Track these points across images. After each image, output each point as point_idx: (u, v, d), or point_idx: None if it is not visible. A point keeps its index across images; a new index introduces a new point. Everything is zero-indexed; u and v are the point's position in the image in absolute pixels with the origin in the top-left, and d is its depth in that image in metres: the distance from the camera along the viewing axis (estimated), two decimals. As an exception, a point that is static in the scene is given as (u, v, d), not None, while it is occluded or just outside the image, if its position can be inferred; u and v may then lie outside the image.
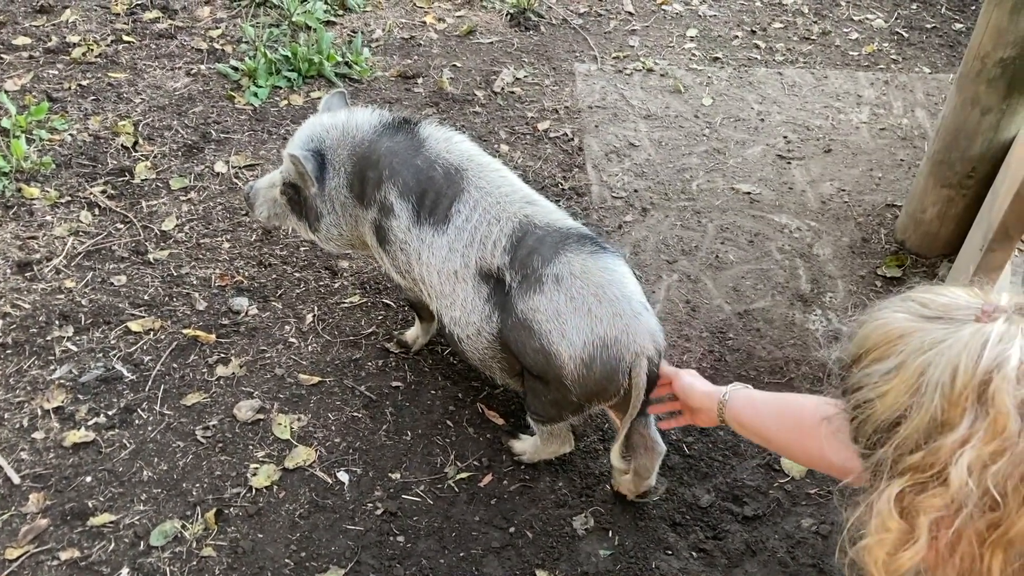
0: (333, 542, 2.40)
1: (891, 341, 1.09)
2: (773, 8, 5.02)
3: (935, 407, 1.01)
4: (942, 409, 1.01)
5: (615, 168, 3.79)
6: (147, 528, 2.40)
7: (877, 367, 1.09)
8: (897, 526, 1.05)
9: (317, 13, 4.56)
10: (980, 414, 0.99)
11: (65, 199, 3.41)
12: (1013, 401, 0.97)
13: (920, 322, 1.08)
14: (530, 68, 4.38)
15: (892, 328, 1.10)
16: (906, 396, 1.04)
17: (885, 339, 1.10)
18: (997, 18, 2.81)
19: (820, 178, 3.80)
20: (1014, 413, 0.97)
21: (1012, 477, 0.97)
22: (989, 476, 0.97)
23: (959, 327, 1.04)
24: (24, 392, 2.72)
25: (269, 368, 2.86)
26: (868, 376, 1.10)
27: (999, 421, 0.97)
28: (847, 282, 3.29)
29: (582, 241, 2.25)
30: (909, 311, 1.11)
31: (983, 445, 0.98)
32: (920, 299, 1.12)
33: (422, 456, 2.63)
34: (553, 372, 2.22)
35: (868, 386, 1.10)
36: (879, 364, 1.09)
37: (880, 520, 1.07)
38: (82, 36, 4.30)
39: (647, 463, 2.41)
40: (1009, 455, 0.97)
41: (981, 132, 3.04)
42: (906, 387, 1.04)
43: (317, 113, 2.69)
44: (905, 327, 1.09)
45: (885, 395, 1.07)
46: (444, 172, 2.41)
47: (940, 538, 1.03)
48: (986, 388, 0.98)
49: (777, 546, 2.44)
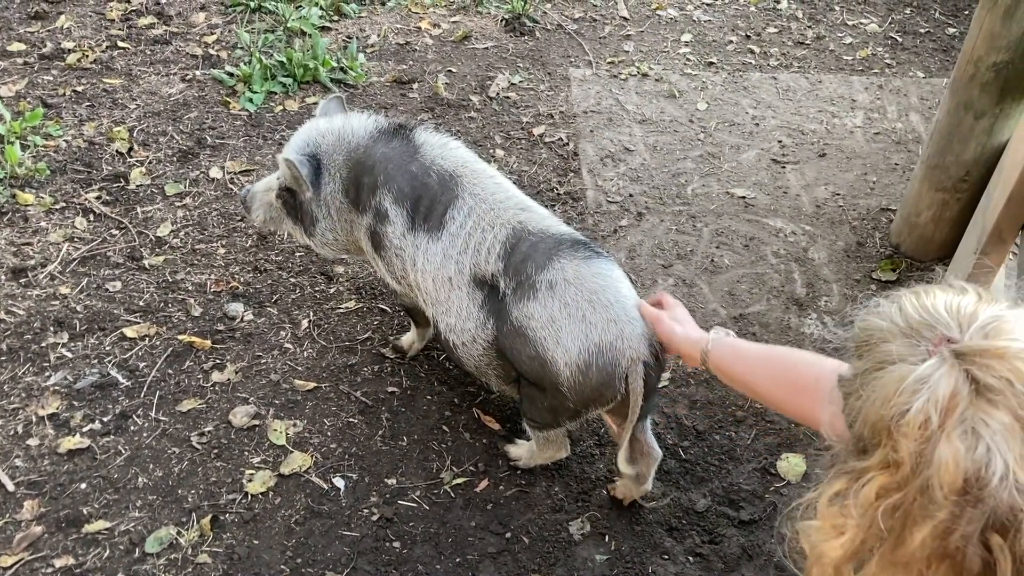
0: (329, 548, 2.39)
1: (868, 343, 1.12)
2: (767, 13, 5.04)
3: (864, 430, 1.07)
4: (867, 434, 1.06)
5: (610, 173, 3.80)
6: (142, 535, 2.39)
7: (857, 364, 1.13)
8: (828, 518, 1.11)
9: (312, 19, 4.57)
10: (889, 450, 1.02)
11: (60, 205, 3.40)
12: (911, 446, 0.99)
13: (893, 333, 1.09)
14: (525, 73, 4.39)
15: (872, 331, 1.13)
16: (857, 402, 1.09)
17: (864, 339, 1.13)
18: (990, 23, 2.83)
19: (815, 182, 3.80)
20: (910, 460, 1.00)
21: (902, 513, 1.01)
22: (880, 508, 1.02)
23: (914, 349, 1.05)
24: (19, 398, 2.71)
25: (265, 374, 2.85)
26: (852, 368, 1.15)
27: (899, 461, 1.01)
28: (842, 286, 3.29)
29: (576, 247, 2.25)
30: (891, 318, 1.12)
31: (883, 478, 1.03)
32: (906, 305, 1.12)
33: (418, 461, 2.62)
34: (549, 379, 2.22)
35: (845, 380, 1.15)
36: (858, 362, 1.13)
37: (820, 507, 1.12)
38: (77, 42, 4.30)
39: (644, 468, 2.41)
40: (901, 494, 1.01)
41: (975, 136, 3.05)
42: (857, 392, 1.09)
43: (314, 118, 2.69)
44: (879, 335, 1.11)
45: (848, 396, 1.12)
46: (439, 178, 2.41)
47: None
48: (895, 427, 1.02)
49: (773, 550, 2.43)
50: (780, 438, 2.73)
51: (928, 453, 0.98)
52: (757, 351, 1.88)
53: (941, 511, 0.97)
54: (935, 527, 0.98)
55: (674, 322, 2.06)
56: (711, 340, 1.91)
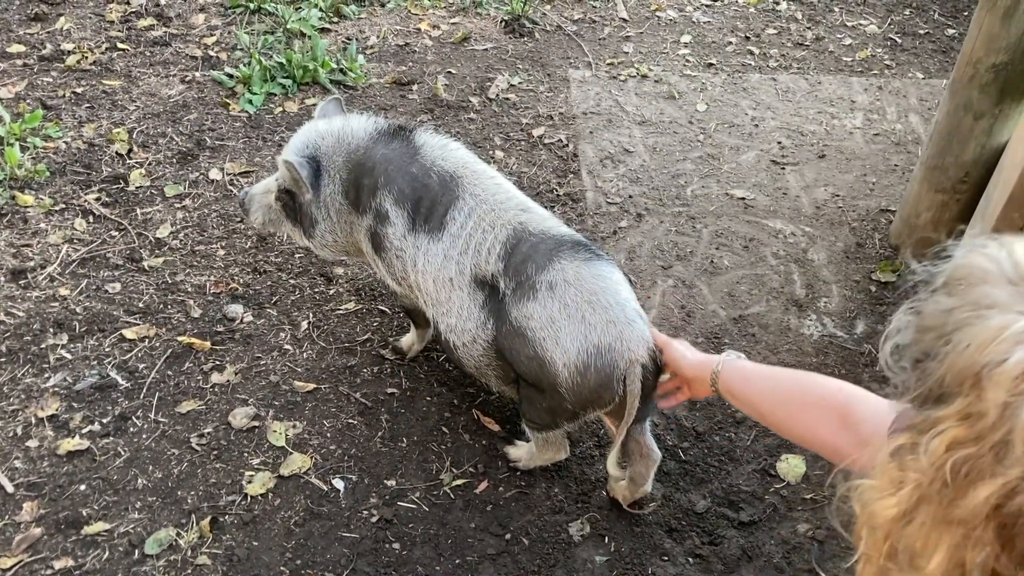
0: (328, 549, 2.39)
1: (965, 281, 1.05)
2: (767, 14, 5.04)
3: (946, 375, 0.99)
4: (949, 381, 0.99)
5: (610, 174, 3.80)
6: (142, 536, 2.39)
7: (943, 300, 1.06)
8: (887, 474, 1.04)
9: (312, 20, 4.57)
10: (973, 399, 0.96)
11: (59, 207, 3.40)
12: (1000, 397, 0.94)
13: (998, 278, 1.03)
14: (525, 75, 4.39)
15: (973, 269, 1.05)
16: (938, 342, 1.02)
17: (962, 276, 1.06)
18: (989, 24, 2.83)
19: (814, 183, 3.80)
20: (994, 412, 0.94)
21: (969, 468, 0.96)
22: (950, 460, 0.96)
23: (1019, 300, 1.00)
24: (18, 400, 2.71)
25: (264, 375, 2.85)
26: (935, 303, 1.07)
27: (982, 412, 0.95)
28: (842, 287, 3.29)
29: (576, 248, 2.25)
30: (998, 262, 1.05)
31: (958, 430, 0.97)
32: (1018, 252, 1.06)
33: (418, 463, 2.62)
34: (547, 380, 2.22)
35: (927, 312, 1.07)
36: (945, 299, 1.06)
37: (879, 463, 1.06)
38: (76, 44, 4.30)
39: (642, 470, 2.41)
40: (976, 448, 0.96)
41: (974, 137, 3.05)
42: (942, 332, 1.02)
43: (313, 119, 2.69)
44: (981, 275, 1.04)
45: (929, 329, 1.04)
46: (439, 179, 2.41)
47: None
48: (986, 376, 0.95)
49: (773, 551, 2.43)
50: (779, 439, 2.73)
51: (1016, 407, 0.95)
52: (762, 371, 1.85)
53: (1013, 469, 0.94)
54: (1004, 485, 0.94)
55: (683, 347, 2.07)
56: (722, 362, 1.90)
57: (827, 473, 2.65)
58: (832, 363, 2.98)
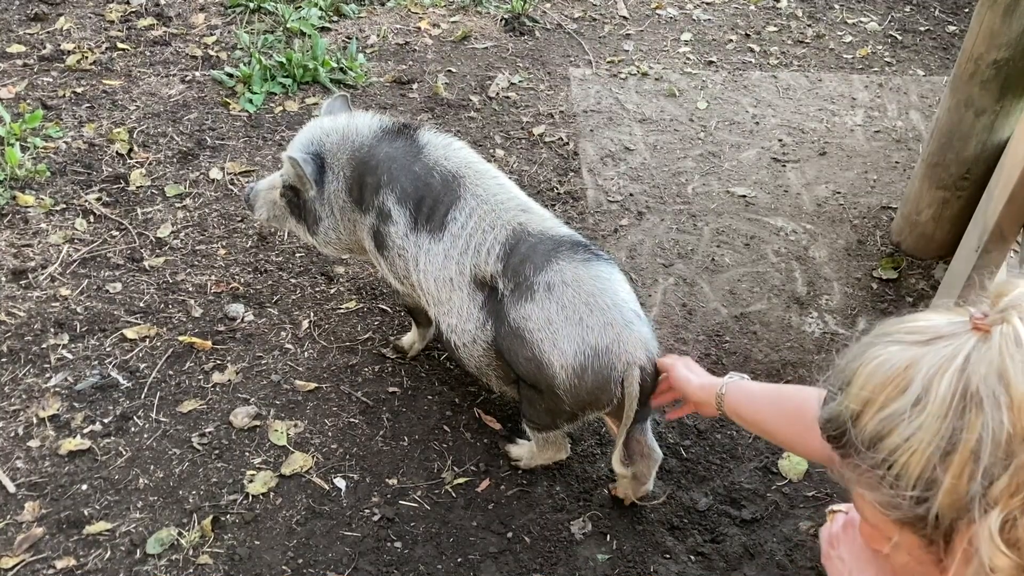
0: (330, 548, 2.39)
1: (899, 374, 1.00)
2: (767, 12, 5.04)
3: (999, 422, 0.92)
4: (1011, 421, 0.92)
5: (610, 172, 3.80)
6: (143, 536, 2.39)
7: (896, 406, 1.00)
8: (1006, 562, 0.94)
9: (312, 19, 4.57)
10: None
11: (60, 207, 3.40)
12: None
13: (918, 348, 1.01)
14: (525, 73, 4.39)
15: (894, 362, 1.02)
16: (948, 420, 0.95)
17: (892, 375, 1.01)
18: (990, 20, 2.82)
19: (815, 181, 3.80)
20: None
21: None
22: None
23: (963, 340, 0.98)
24: (19, 400, 2.71)
25: (265, 374, 2.85)
26: (890, 418, 1.00)
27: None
28: (843, 284, 3.29)
29: (575, 249, 2.23)
30: (900, 342, 1.03)
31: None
32: (901, 329, 1.05)
33: (419, 462, 2.62)
34: (545, 381, 2.21)
35: (896, 427, 1.00)
36: (897, 402, 1.00)
37: (989, 560, 0.95)
38: (76, 43, 4.29)
39: (644, 469, 2.40)
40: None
41: (975, 134, 3.04)
42: (944, 411, 0.96)
43: (318, 116, 2.69)
44: (907, 356, 1.01)
45: (922, 427, 0.97)
46: (442, 179, 2.40)
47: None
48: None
49: (775, 549, 2.43)
50: (781, 437, 2.72)
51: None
52: (765, 391, 1.84)
53: None
54: None
55: (688, 371, 2.04)
56: (725, 384, 1.89)
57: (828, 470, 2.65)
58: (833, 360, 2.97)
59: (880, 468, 1.03)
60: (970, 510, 0.96)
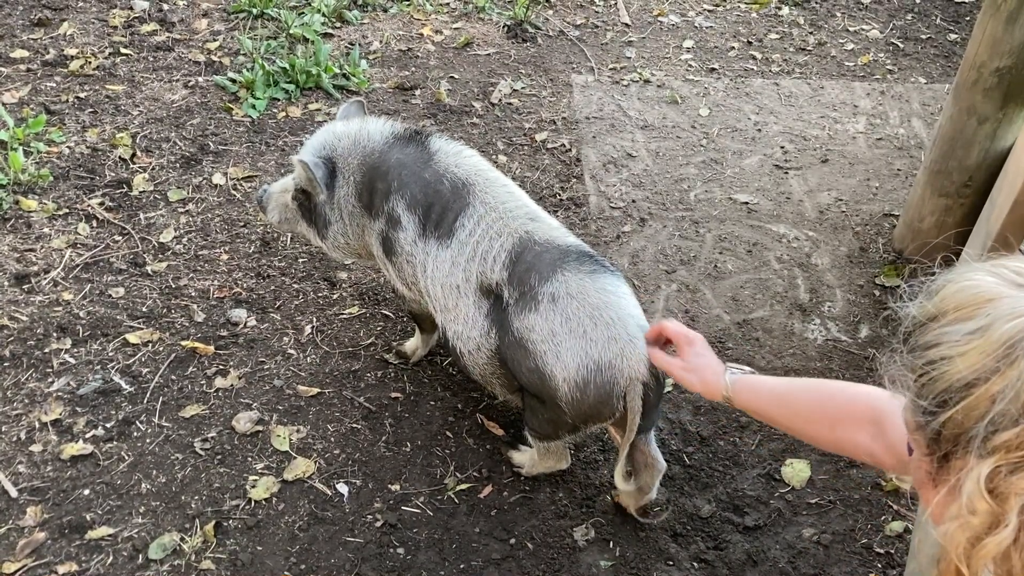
0: (333, 554, 2.38)
1: (978, 303, 1.03)
2: (769, 19, 5.05)
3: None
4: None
5: (613, 179, 3.80)
6: (145, 541, 2.38)
7: (959, 326, 1.04)
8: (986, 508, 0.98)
9: (315, 25, 4.57)
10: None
11: (63, 211, 3.40)
12: None
13: (1011, 288, 1.03)
14: (527, 79, 4.40)
15: (981, 290, 1.04)
16: (989, 360, 0.99)
17: (972, 300, 1.04)
18: (993, 28, 2.83)
19: (817, 188, 3.80)
20: None
21: None
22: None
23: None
24: (22, 405, 2.71)
25: (268, 380, 2.85)
26: (947, 334, 1.04)
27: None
28: (845, 291, 3.29)
29: (581, 259, 2.22)
30: (1000, 276, 1.06)
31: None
32: (1013, 267, 1.07)
33: (422, 467, 2.62)
34: (548, 392, 2.21)
35: (946, 344, 1.04)
36: (962, 324, 1.04)
37: (968, 501, 0.99)
38: (80, 49, 4.30)
39: (647, 479, 2.40)
40: None
41: (978, 141, 3.05)
42: (990, 350, 0.99)
43: (332, 121, 2.69)
44: (995, 291, 1.03)
45: (965, 354, 1.01)
46: (451, 186, 2.40)
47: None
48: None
49: (778, 556, 2.43)
50: (784, 443, 2.72)
51: None
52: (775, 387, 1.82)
53: None
54: None
55: (686, 372, 1.94)
56: (728, 387, 1.87)
57: (831, 477, 2.65)
58: (836, 367, 2.98)
59: (913, 373, 1.08)
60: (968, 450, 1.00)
